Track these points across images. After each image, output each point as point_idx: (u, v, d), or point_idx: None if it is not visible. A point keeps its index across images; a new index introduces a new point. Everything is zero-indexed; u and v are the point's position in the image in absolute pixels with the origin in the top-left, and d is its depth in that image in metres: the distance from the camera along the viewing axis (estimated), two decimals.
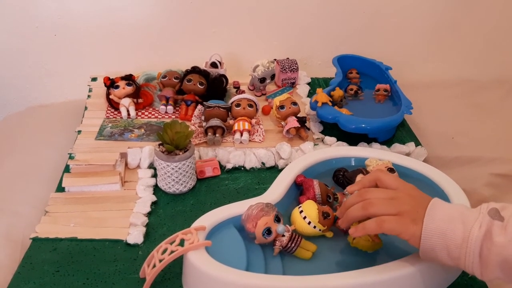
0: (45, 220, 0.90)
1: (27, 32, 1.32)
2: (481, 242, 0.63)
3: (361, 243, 0.79)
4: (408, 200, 0.70)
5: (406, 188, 0.73)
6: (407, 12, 1.44)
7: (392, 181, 0.75)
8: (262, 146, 1.11)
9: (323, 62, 1.48)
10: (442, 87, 1.47)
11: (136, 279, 0.79)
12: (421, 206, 0.69)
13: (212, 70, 1.27)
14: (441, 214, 0.67)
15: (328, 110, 1.12)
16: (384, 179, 0.75)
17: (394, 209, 0.69)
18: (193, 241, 0.74)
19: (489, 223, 0.63)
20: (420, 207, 0.69)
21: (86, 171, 1.00)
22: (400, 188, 0.73)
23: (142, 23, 1.36)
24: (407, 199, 0.70)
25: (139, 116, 1.18)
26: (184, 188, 0.98)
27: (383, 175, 0.76)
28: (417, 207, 0.69)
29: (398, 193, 0.72)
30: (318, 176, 0.96)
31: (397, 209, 0.69)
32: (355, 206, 0.73)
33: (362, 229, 0.71)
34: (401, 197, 0.71)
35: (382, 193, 0.73)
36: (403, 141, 1.15)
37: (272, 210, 0.80)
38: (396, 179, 0.76)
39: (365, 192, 0.74)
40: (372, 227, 0.70)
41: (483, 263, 0.63)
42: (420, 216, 0.68)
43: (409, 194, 0.72)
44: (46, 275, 0.80)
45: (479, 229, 0.63)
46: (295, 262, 0.80)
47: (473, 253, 0.63)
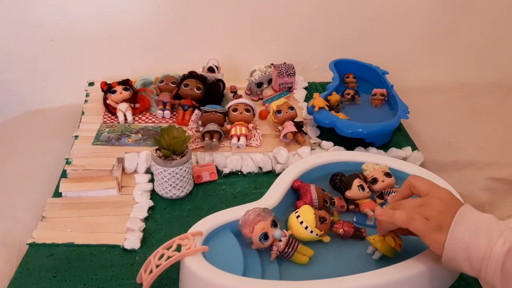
0: (42, 226, 0.90)
1: (24, 37, 1.32)
2: (504, 258, 0.62)
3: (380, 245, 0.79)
4: (438, 205, 0.70)
5: (439, 193, 0.72)
6: (404, 17, 1.45)
7: (424, 186, 0.74)
8: (259, 150, 1.11)
9: (320, 66, 1.48)
10: (439, 92, 1.47)
11: (133, 285, 0.79)
12: (450, 213, 0.68)
13: (209, 74, 1.27)
14: (467, 224, 0.66)
15: (325, 114, 1.13)
16: (417, 185, 0.75)
17: (423, 214, 0.69)
18: (190, 247, 0.74)
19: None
20: (448, 214, 0.68)
21: (83, 176, 1.00)
22: (432, 193, 0.73)
23: (139, 28, 1.37)
24: (436, 205, 0.70)
25: (136, 121, 1.19)
26: (181, 193, 0.98)
27: (415, 180, 0.76)
28: (445, 214, 0.68)
29: (429, 199, 0.72)
30: (315, 180, 0.96)
31: (425, 213, 0.69)
32: (387, 208, 0.74)
33: (390, 216, 0.72)
34: (430, 203, 0.71)
35: (413, 202, 0.73)
36: (400, 145, 1.15)
37: (269, 215, 0.80)
38: (429, 184, 0.75)
39: (398, 204, 0.75)
40: (401, 219, 0.70)
41: (505, 278, 0.63)
42: (447, 223, 0.67)
43: (440, 199, 0.71)
44: (43, 280, 0.79)
45: (503, 245, 0.63)
46: (292, 267, 0.80)
47: (495, 268, 0.63)
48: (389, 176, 0.95)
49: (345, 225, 0.85)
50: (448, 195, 0.72)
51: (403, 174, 0.98)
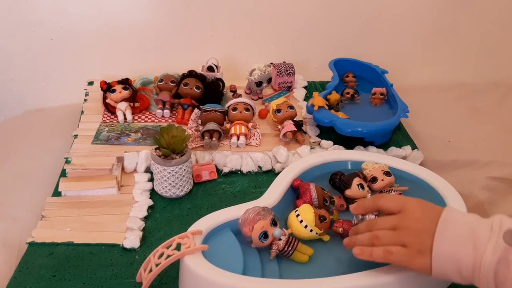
0: (41, 225, 0.90)
1: (24, 36, 1.32)
2: (496, 268, 0.60)
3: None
4: (413, 227, 0.67)
5: (410, 210, 0.69)
6: (403, 16, 1.45)
7: (394, 205, 0.72)
8: (258, 150, 1.11)
9: (320, 65, 1.48)
10: (438, 91, 1.47)
11: (133, 284, 0.79)
12: (427, 232, 0.65)
13: (209, 74, 1.27)
14: (450, 235, 0.64)
15: (325, 113, 1.13)
16: (385, 206, 0.73)
17: (399, 241, 0.68)
18: (189, 245, 0.74)
19: (505, 250, 0.60)
20: (426, 233, 0.66)
21: (82, 175, 1.00)
22: (404, 211, 0.70)
23: (139, 27, 1.37)
24: (412, 227, 0.67)
25: (136, 120, 1.19)
26: (181, 192, 0.98)
27: (383, 201, 0.74)
28: (423, 235, 0.66)
29: (402, 220, 0.69)
30: (315, 179, 0.96)
31: (402, 240, 0.67)
32: (362, 237, 0.72)
33: (369, 255, 0.70)
34: (405, 225, 0.68)
35: (386, 222, 0.71)
36: (399, 144, 1.15)
37: (269, 214, 0.80)
38: (397, 201, 0.72)
39: (373, 224, 0.73)
40: (379, 256, 0.69)
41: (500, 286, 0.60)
42: (427, 245, 0.65)
43: (414, 218, 0.68)
44: (42, 279, 0.79)
45: (492, 254, 0.60)
46: (291, 265, 0.80)
47: (487, 278, 0.61)
48: (389, 175, 0.95)
49: (344, 224, 0.85)
50: (420, 210, 0.69)
51: (403, 173, 0.98)
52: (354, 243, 0.73)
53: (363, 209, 0.77)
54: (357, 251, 0.71)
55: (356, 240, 0.73)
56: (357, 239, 0.73)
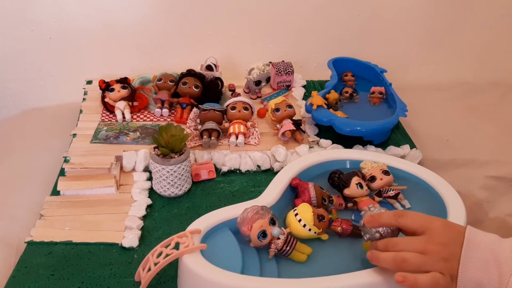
0: (40, 224, 0.90)
1: (22, 35, 1.31)
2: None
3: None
4: (441, 252, 0.66)
5: (436, 233, 0.67)
6: (402, 15, 1.45)
7: (418, 226, 0.69)
8: (257, 149, 1.11)
9: (319, 64, 1.48)
10: (437, 90, 1.47)
11: (131, 283, 0.79)
12: (456, 257, 0.65)
13: (208, 73, 1.27)
14: (475, 260, 0.64)
15: (323, 112, 1.13)
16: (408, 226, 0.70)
17: (428, 267, 0.66)
18: (188, 244, 0.74)
19: None
20: (454, 259, 0.65)
21: (81, 174, 1.00)
22: (429, 233, 0.68)
23: (137, 26, 1.36)
24: (439, 252, 0.66)
25: (134, 119, 1.18)
26: (180, 191, 0.98)
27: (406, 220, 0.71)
28: (452, 261, 0.65)
29: (429, 244, 0.67)
30: (314, 178, 0.96)
31: (431, 267, 0.65)
32: (385, 257, 0.69)
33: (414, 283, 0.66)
34: (433, 251, 0.66)
35: (411, 245, 0.68)
36: (398, 143, 1.15)
37: (268, 213, 0.80)
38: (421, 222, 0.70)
39: (392, 244, 0.70)
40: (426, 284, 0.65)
41: None
42: (455, 270, 0.64)
43: (441, 243, 0.66)
44: (41, 279, 0.79)
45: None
46: (290, 265, 0.80)
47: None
48: (387, 174, 0.95)
49: (343, 223, 0.85)
50: (446, 233, 0.68)
51: (402, 172, 0.98)
52: (377, 261, 0.71)
53: (379, 224, 0.74)
54: (399, 278, 0.66)
55: (379, 259, 0.70)
56: (380, 258, 0.70)
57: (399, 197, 0.93)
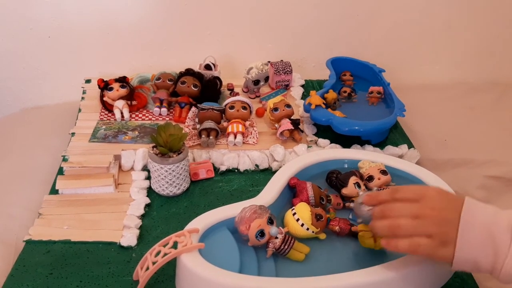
0: (38, 223, 0.90)
1: (21, 34, 1.32)
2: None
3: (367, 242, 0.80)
4: (436, 216, 0.66)
5: (431, 199, 0.68)
6: (401, 15, 1.45)
7: (412, 194, 0.70)
8: (256, 148, 1.11)
9: (317, 64, 1.48)
10: (435, 90, 1.48)
11: (130, 282, 0.79)
12: (451, 223, 0.65)
13: (206, 72, 1.27)
14: (473, 237, 0.64)
15: (322, 112, 1.13)
16: (404, 197, 0.70)
17: (422, 231, 0.66)
18: (186, 244, 0.74)
19: None
20: (449, 224, 0.65)
21: (79, 173, 1.00)
22: (424, 199, 0.68)
23: (136, 25, 1.36)
24: (435, 216, 0.66)
25: (133, 118, 1.19)
26: (178, 191, 0.98)
27: (401, 193, 0.71)
28: (447, 226, 0.65)
29: (423, 209, 0.67)
30: (312, 178, 0.96)
31: (425, 231, 0.66)
32: (380, 224, 0.70)
33: (394, 247, 0.68)
34: (427, 215, 0.67)
35: (405, 209, 0.69)
36: (396, 143, 1.16)
37: (266, 212, 0.80)
38: (416, 190, 0.71)
39: (388, 209, 0.71)
40: (405, 249, 0.67)
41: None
42: (451, 238, 0.65)
43: (436, 208, 0.67)
44: (39, 277, 0.80)
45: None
46: (288, 264, 0.80)
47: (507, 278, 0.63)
48: (385, 174, 0.95)
49: (341, 223, 0.85)
50: (441, 198, 0.69)
51: (399, 172, 0.98)
52: (373, 228, 0.72)
53: (378, 201, 0.74)
54: (383, 242, 0.70)
55: (374, 227, 0.72)
56: (375, 226, 0.71)
57: None
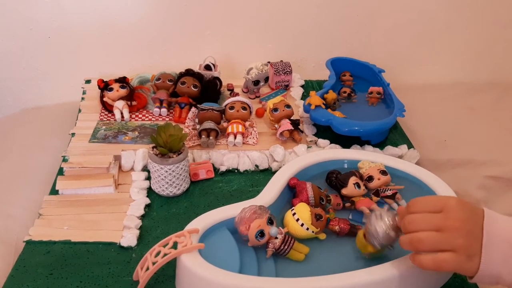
0: (38, 223, 0.90)
1: (21, 34, 1.32)
2: None
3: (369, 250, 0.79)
4: (460, 229, 0.64)
5: (453, 209, 0.66)
6: (400, 15, 1.45)
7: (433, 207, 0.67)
8: (255, 148, 1.11)
9: (317, 64, 1.48)
10: (435, 90, 1.48)
11: (130, 282, 0.79)
12: (475, 236, 0.64)
13: (206, 72, 1.27)
14: (496, 254, 0.63)
15: (322, 112, 1.13)
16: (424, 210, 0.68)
17: (446, 245, 0.64)
18: (186, 244, 0.74)
19: None
20: (474, 237, 0.64)
21: (79, 173, 1.00)
22: (446, 210, 0.66)
23: (136, 26, 1.37)
24: (458, 228, 0.64)
25: (133, 119, 1.19)
26: (178, 191, 0.98)
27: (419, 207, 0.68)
28: (471, 239, 0.64)
29: (446, 220, 0.65)
30: (311, 178, 0.96)
31: (449, 245, 0.64)
32: (403, 240, 0.68)
33: (418, 264, 0.67)
34: (451, 226, 0.64)
35: (427, 222, 0.66)
36: (395, 143, 1.16)
37: (265, 212, 0.80)
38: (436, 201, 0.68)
39: (408, 222, 0.68)
40: (430, 265, 0.66)
41: None
42: (475, 250, 0.64)
43: (459, 219, 0.65)
44: (39, 278, 0.80)
45: None
46: (288, 264, 0.80)
47: None
48: (385, 174, 0.95)
49: (341, 222, 0.85)
50: (463, 209, 0.66)
51: (399, 172, 0.98)
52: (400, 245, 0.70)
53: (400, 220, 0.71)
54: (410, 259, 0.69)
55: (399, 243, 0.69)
56: (400, 241, 0.69)
57: (397, 196, 0.93)
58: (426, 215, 0.67)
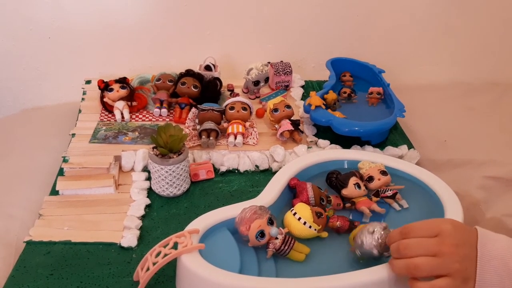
0: (39, 223, 0.90)
1: (21, 35, 1.32)
2: None
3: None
4: (455, 254, 0.65)
5: (448, 234, 0.66)
6: (400, 16, 1.45)
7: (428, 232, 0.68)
8: (256, 149, 1.11)
9: (317, 65, 1.49)
10: (435, 90, 1.48)
11: (130, 282, 0.79)
12: (470, 259, 0.65)
13: (206, 73, 1.27)
14: (491, 275, 0.64)
15: (322, 113, 1.13)
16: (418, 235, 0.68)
17: (442, 271, 0.65)
18: (186, 244, 0.74)
19: None
20: (469, 260, 0.65)
21: (80, 174, 1.00)
22: (441, 235, 0.66)
23: (136, 26, 1.37)
24: (453, 253, 0.65)
25: (133, 119, 1.19)
26: (178, 191, 0.98)
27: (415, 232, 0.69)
28: (467, 262, 0.65)
29: (442, 246, 0.65)
30: (312, 179, 0.97)
31: (445, 270, 0.65)
32: (397, 265, 0.69)
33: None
34: (446, 252, 0.65)
35: (422, 247, 0.67)
36: (396, 144, 1.16)
37: (266, 213, 0.80)
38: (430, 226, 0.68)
39: (403, 247, 0.68)
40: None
41: None
42: (470, 273, 0.64)
43: (454, 244, 0.65)
44: (40, 278, 0.80)
45: None
46: (288, 264, 0.80)
47: None
48: (385, 174, 0.95)
49: (340, 219, 0.85)
50: (458, 233, 0.67)
51: (399, 172, 0.98)
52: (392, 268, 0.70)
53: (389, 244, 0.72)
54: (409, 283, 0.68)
55: (393, 267, 0.70)
56: (394, 266, 0.70)
57: (397, 197, 0.93)
58: (421, 240, 0.68)
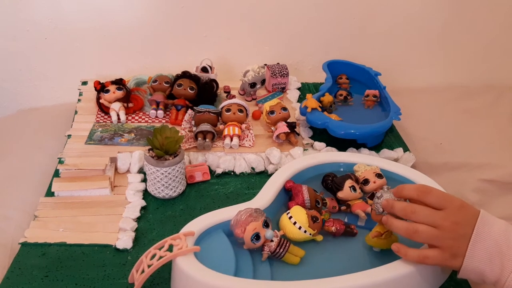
0: (34, 225, 0.90)
1: (18, 35, 1.31)
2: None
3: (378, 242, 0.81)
4: (453, 231, 0.69)
5: (453, 212, 0.70)
6: (397, 18, 1.46)
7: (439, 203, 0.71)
8: (252, 151, 1.11)
9: (314, 67, 1.49)
10: (431, 93, 1.48)
11: (125, 284, 0.79)
12: (464, 238, 0.69)
13: (203, 74, 1.27)
14: (481, 252, 0.68)
15: (318, 115, 1.13)
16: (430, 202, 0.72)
17: (437, 242, 0.70)
18: (181, 247, 0.74)
19: None
20: (462, 240, 0.69)
21: (75, 175, 1.00)
22: (447, 210, 0.70)
23: (133, 27, 1.37)
24: (452, 230, 0.69)
25: (129, 121, 1.19)
26: (174, 193, 0.98)
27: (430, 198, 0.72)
28: (461, 240, 0.69)
29: (444, 220, 0.69)
30: (307, 181, 0.97)
31: (439, 242, 0.70)
32: (399, 225, 0.73)
33: (404, 255, 0.73)
34: (447, 228, 0.69)
35: (427, 216, 0.71)
36: (391, 146, 1.16)
37: (261, 215, 0.80)
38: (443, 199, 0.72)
39: (410, 211, 0.72)
40: (414, 258, 0.72)
41: None
42: (461, 251, 0.69)
43: (455, 222, 0.69)
44: (34, 280, 0.80)
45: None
46: (283, 267, 0.80)
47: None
48: (381, 177, 0.95)
49: (335, 223, 0.86)
50: (461, 213, 0.70)
51: (395, 175, 0.99)
52: (390, 225, 0.75)
53: (404, 197, 0.76)
54: (394, 248, 0.75)
55: (392, 224, 0.74)
56: (393, 225, 0.74)
57: None
58: (429, 210, 0.71)
